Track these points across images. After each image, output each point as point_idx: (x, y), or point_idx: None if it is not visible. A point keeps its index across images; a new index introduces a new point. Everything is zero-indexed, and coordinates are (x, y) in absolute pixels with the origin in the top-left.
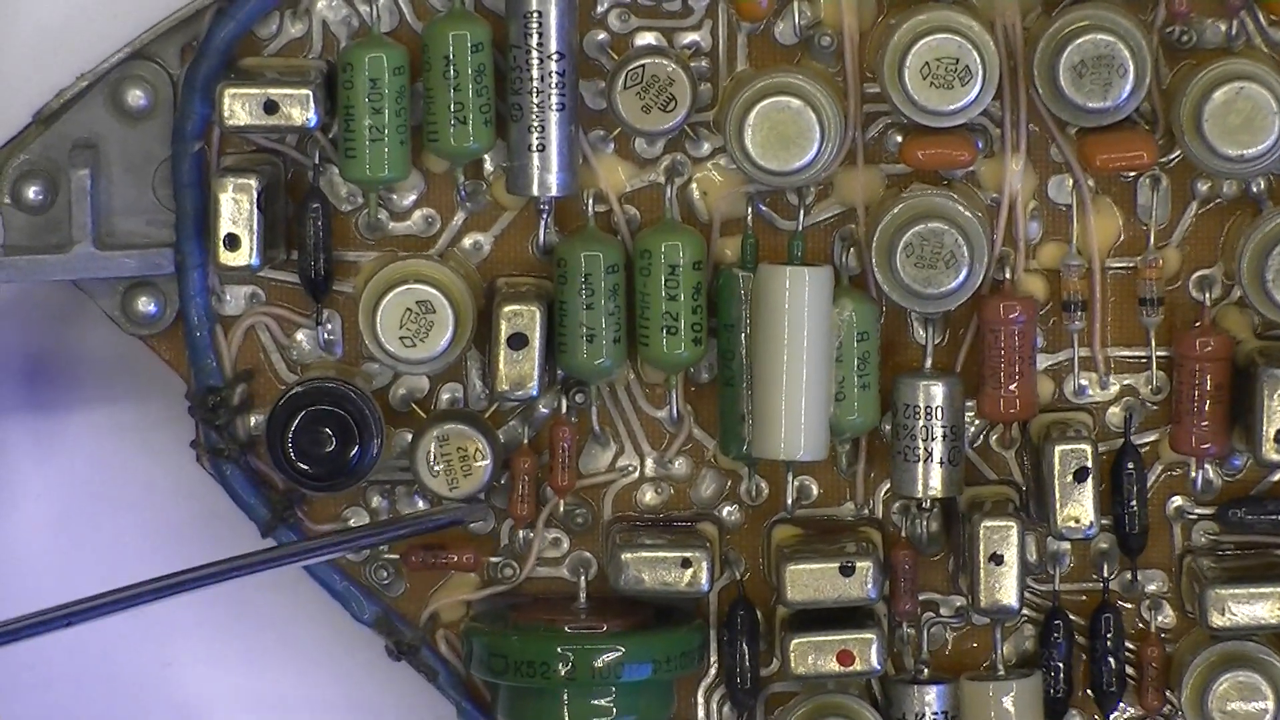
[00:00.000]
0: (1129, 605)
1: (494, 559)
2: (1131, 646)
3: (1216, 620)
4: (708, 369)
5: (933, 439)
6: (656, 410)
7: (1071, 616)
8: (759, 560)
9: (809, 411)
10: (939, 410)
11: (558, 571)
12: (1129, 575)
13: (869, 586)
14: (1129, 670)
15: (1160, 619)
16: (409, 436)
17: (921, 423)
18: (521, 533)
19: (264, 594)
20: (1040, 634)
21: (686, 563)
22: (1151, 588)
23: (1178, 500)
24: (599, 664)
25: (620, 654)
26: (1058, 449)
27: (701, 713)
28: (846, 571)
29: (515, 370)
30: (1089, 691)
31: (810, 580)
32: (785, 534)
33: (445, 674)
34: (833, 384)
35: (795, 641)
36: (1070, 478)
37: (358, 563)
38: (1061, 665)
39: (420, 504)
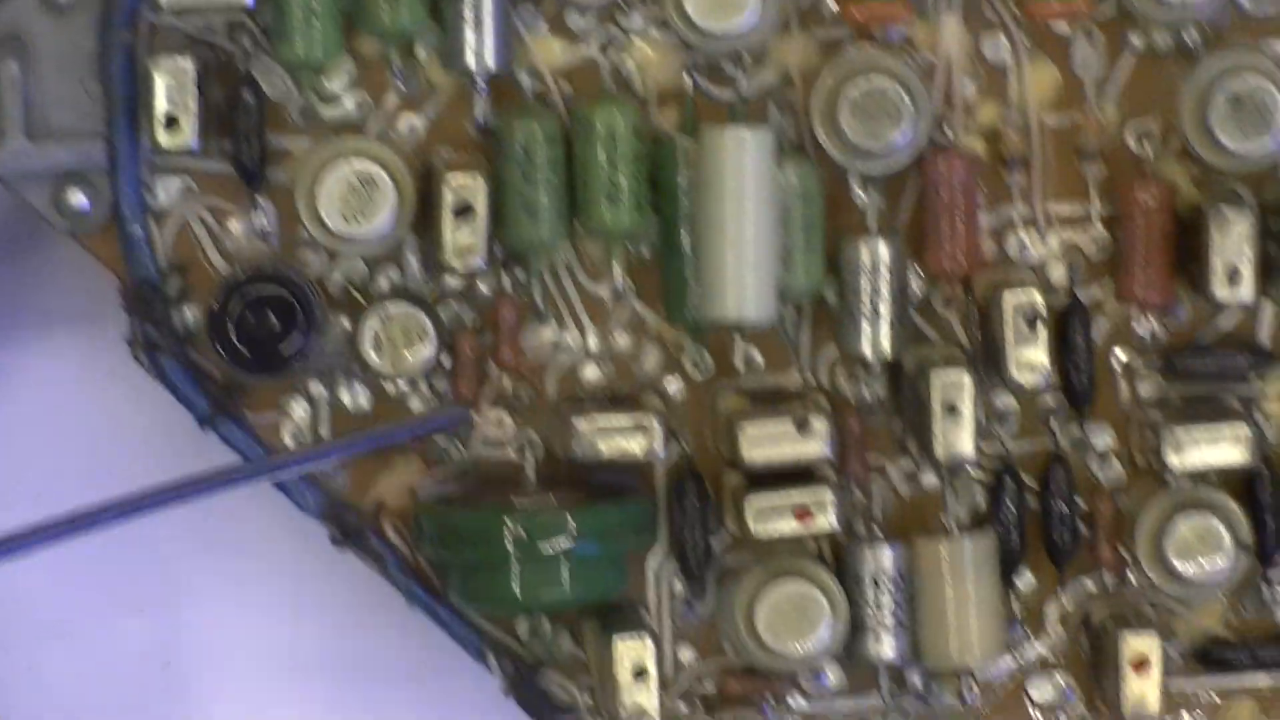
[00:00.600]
0: (1079, 462)
1: (438, 441)
2: (1083, 503)
3: (1174, 460)
4: (648, 245)
5: (880, 297)
6: (598, 286)
7: (1022, 476)
8: (705, 433)
9: (757, 271)
10: (885, 268)
11: (504, 453)
12: (1079, 431)
13: (824, 443)
14: (1081, 526)
15: (1111, 474)
16: (346, 324)
17: (868, 281)
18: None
19: (263, 593)
20: (991, 493)
21: (640, 428)
22: (1101, 443)
23: (1124, 354)
24: (549, 533)
25: (570, 522)
26: (1008, 295)
27: (652, 591)
28: (802, 426)
29: (462, 240)
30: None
31: (766, 438)
32: (732, 404)
33: (393, 560)
34: (779, 244)
35: (753, 501)
36: (1022, 323)
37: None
38: (1014, 523)
39: (358, 390)
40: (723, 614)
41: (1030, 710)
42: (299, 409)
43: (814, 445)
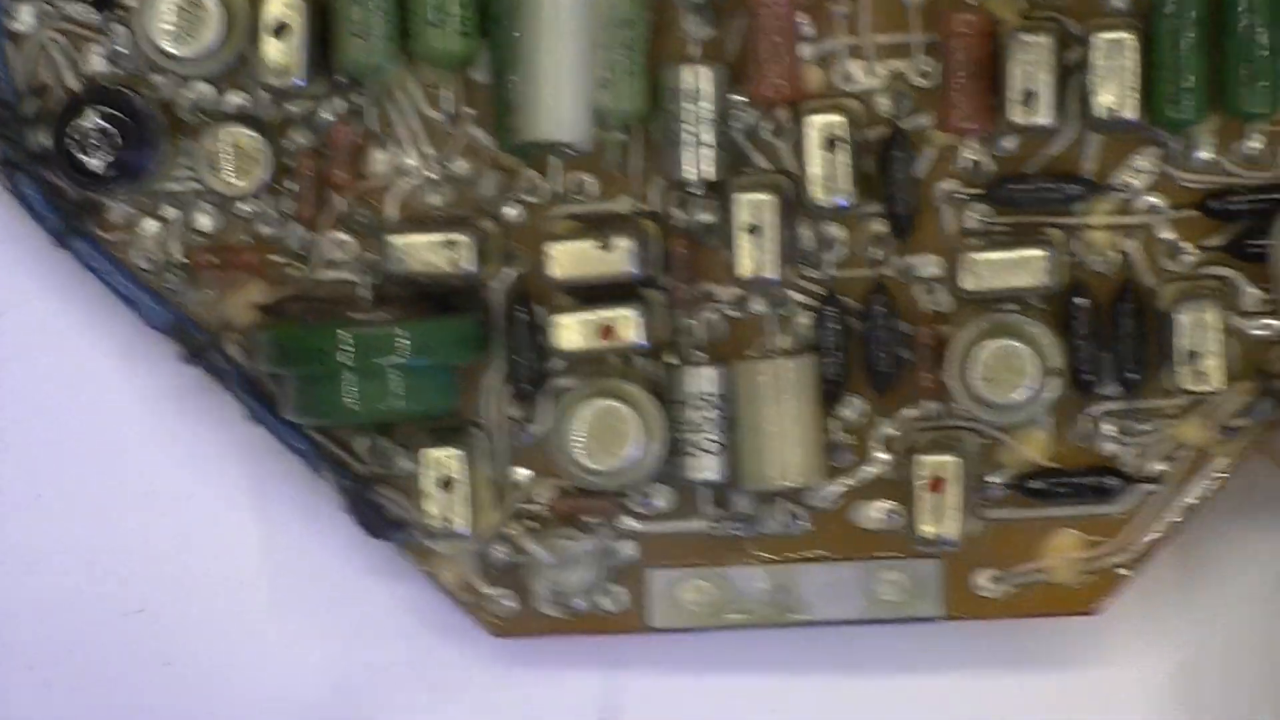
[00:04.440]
0: (906, 291)
1: (277, 257)
2: (908, 330)
3: (969, 283)
4: (486, 68)
5: (700, 121)
6: (435, 112)
7: (849, 301)
8: (539, 258)
9: (570, 92)
10: (705, 93)
11: (345, 274)
12: (904, 259)
13: (630, 261)
14: (905, 354)
15: (936, 303)
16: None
17: (688, 105)
18: (309, 235)
19: (263, 594)
20: (816, 320)
21: (451, 243)
22: (927, 272)
23: (949, 184)
24: (377, 345)
25: (399, 334)
26: (811, 119)
27: (487, 411)
28: (605, 247)
29: (280, 59)
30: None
31: (571, 257)
32: (565, 228)
33: (236, 376)
34: (595, 67)
35: (558, 318)
36: (823, 147)
37: (151, 271)
38: (836, 348)
39: (208, 211)
40: (550, 434)
41: (856, 534)
42: (151, 228)
43: (619, 264)
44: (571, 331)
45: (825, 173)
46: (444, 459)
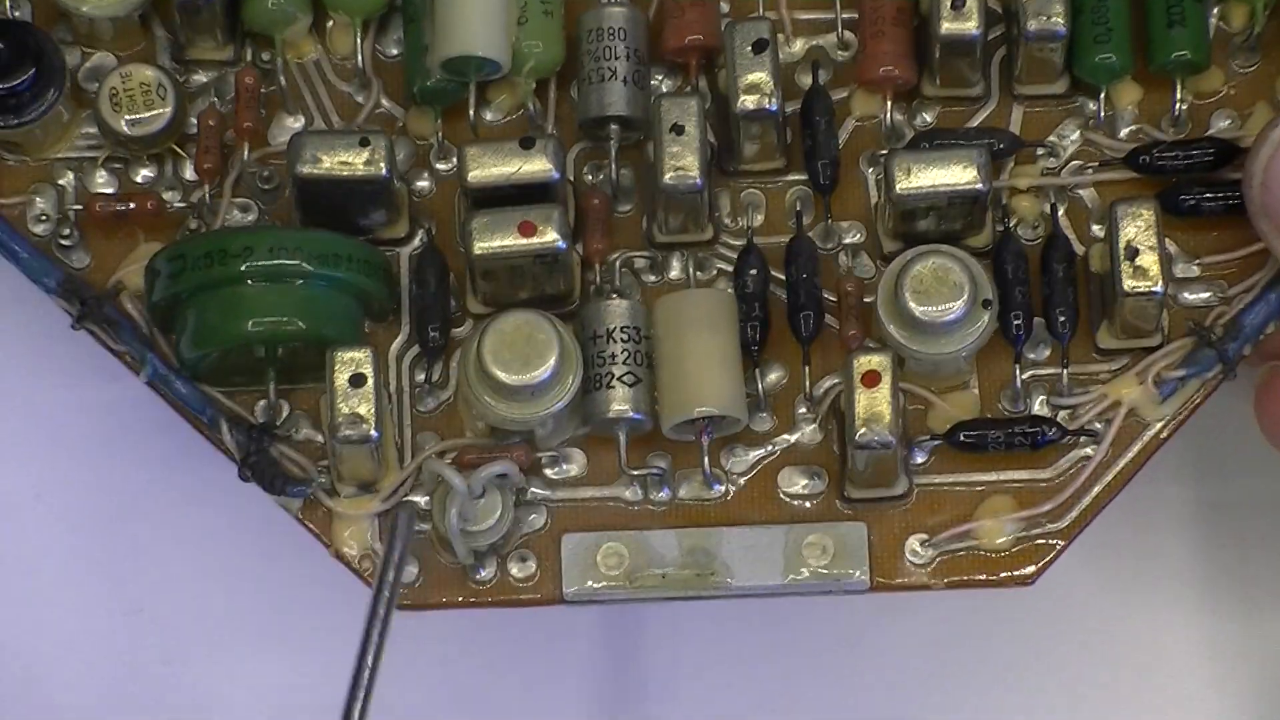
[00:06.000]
0: (828, 254)
1: (177, 205)
2: (831, 296)
3: (902, 183)
4: (397, 43)
5: (615, 58)
6: (344, 83)
7: (771, 271)
8: (451, 224)
9: (490, 12)
10: (620, 31)
11: None
12: (827, 222)
13: (550, 161)
14: (828, 317)
15: (859, 268)
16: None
17: (604, 44)
18: (210, 196)
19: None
20: (734, 269)
21: (365, 141)
22: (849, 239)
23: (871, 150)
24: (278, 246)
25: (300, 238)
26: (737, 28)
27: (393, 374)
28: (526, 144)
29: None
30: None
31: (491, 157)
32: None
33: (128, 328)
34: (511, 5)
35: (477, 220)
36: (750, 49)
37: (45, 237)
38: (754, 295)
39: (105, 176)
40: (460, 372)
41: (778, 500)
42: (47, 199)
43: (539, 163)
44: (490, 231)
45: (751, 74)
46: (355, 356)
